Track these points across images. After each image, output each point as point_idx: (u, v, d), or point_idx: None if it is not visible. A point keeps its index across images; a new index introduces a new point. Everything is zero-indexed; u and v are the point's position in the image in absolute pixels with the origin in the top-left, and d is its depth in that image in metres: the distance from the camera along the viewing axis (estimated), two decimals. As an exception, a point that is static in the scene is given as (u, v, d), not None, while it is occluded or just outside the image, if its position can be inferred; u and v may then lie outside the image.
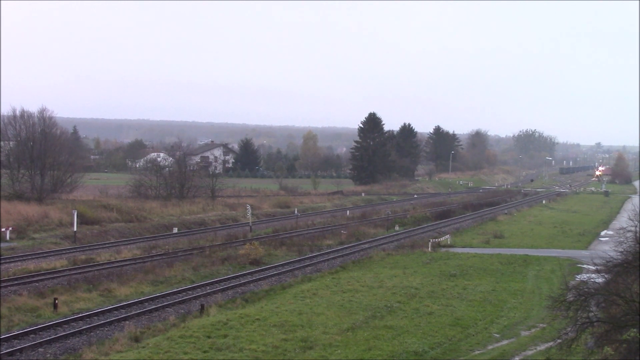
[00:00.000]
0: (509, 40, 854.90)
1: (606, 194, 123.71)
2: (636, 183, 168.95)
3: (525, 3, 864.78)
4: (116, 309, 28.90)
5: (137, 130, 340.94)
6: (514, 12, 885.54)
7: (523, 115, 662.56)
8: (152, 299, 30.97)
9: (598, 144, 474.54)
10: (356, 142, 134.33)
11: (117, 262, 40.73)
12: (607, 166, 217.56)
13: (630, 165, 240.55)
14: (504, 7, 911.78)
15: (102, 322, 26.53)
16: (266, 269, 39.74)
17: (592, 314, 18.26)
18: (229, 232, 57.78)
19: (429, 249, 48.53)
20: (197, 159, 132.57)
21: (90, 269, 37.89)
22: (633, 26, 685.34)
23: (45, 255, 43.31)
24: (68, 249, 46.19)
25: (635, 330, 17.54)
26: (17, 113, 71.54)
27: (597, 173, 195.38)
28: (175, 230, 59.18)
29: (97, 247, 47.88)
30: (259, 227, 63.67)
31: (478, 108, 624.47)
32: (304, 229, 61.75)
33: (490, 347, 23.84)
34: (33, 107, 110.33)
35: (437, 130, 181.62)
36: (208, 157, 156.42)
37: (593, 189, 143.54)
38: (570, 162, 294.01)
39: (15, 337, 24.07)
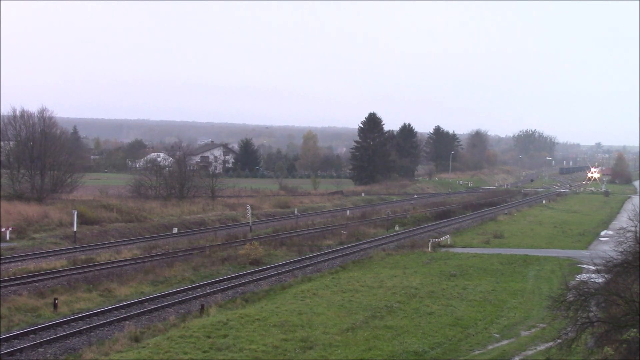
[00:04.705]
0: (509, 41, 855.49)
1: (606, 194, 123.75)
2: (636, 183, 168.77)
3: (525, 4, 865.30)
4: (116, 309, 28.91)
5: (137, 130, 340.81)
6: (514, 12, 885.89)
7: (523, 115, 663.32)
8: (152, 299, 30.97)
9: (598, 144, 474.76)
10: (356, 142, 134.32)
11: (117, 262, 40.73)
12: (603, 167, 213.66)
13: (630, 165, 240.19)
14: (504, 8, 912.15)
15: (102, 322, 26.52)
16: (266, 269, 39.73)
17: (592, 314, 18.25)
18: (229, 232, 57.76)
19: (429, 249, 48.54)
20: (197, 159, 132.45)
21: (90, 269, 37.88)
22: (633, 26, 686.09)
23: (45, 255, 43.29)
24: (68, 249, 46.18)
25: (635, 330, 17.53)
26: (17, 113, 71.63)
27: (589, 175, 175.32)
28: (175, 230, 59.16)
29: (97, 247, 47.88)
30: (259, 227, 63.64)
31: (478, 108, 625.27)
32: (304, 229, 61.72)
33: (490, 347, 23.84)
34: (33, 107, 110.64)
35: (437, 130, 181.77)
36: (208, 157, 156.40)
37: (593, 189, 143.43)
38: (570, 162, 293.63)
39: (15, 337, 24.07)
